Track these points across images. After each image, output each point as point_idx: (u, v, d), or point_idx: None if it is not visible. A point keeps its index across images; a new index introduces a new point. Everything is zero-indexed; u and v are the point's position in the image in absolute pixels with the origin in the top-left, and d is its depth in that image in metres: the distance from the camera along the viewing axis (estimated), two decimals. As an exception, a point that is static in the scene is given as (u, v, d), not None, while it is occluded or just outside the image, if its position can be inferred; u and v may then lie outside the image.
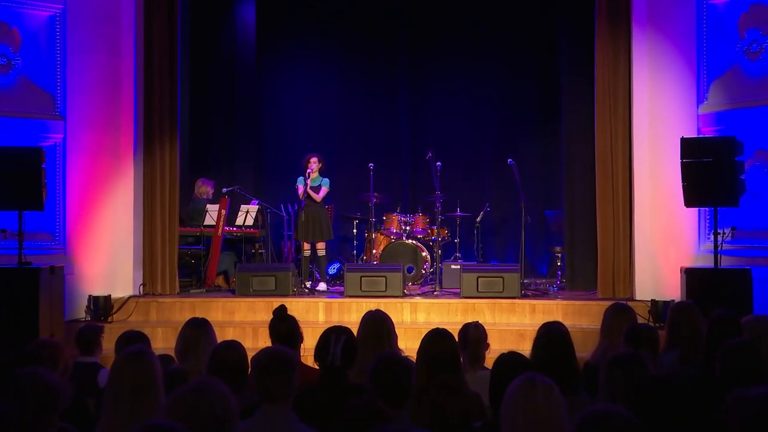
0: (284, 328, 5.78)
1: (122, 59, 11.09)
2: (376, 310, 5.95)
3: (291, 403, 4.21)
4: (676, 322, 5.89)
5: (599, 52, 11.08)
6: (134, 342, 5.30)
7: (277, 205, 13.53)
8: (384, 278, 11.00)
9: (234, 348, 4.98)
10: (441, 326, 7.22)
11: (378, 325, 5.71)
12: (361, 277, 11.04)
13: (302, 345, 5.92)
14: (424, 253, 13.01)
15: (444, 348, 4.91)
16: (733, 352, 4.47)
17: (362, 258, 13.55)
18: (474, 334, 5.73)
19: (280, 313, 5.83)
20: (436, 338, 4.98)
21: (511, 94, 14.91)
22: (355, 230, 13.80)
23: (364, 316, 5.86)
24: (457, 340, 5.84)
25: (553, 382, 3.52)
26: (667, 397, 3.44)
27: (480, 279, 10.84)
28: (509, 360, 4.41)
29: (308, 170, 11.91)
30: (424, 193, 13.76)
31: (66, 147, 10.68)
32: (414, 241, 13.11)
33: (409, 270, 12.83)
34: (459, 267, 11.65)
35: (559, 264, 12.71)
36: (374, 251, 13.07)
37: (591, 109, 11.29)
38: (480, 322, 9.98)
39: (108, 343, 9.93)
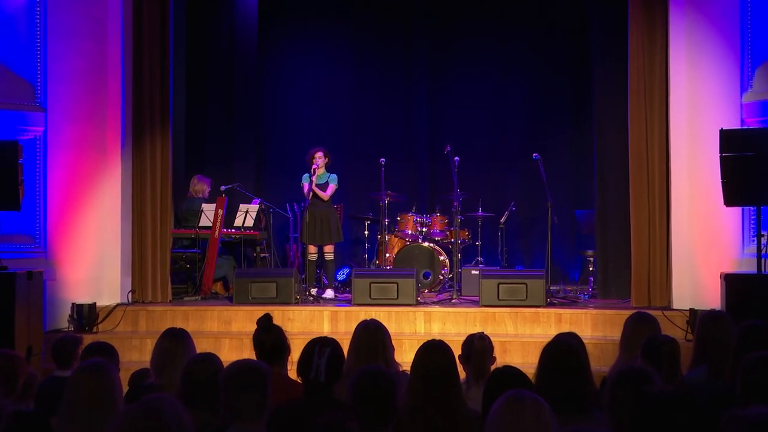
0: (269, 339, 5.76)
1: (109, 45, 11.07)
2: (371, 319, 5.93)
3: (264, 422, 4.17)
4: (705, 333, 5.79)
5: (633, 34, 10.95)
6: (100, 354, 5.28)
7: (282, 205, 13.51)
8: (395, 285, 10.94)
9: (209, 362, 4.94)
10: (458, 337, 7.15)
11: (372, 335, 5.68)
12: (371, 283, 10.99)
13: (290, 358, 5.89)
14: (442, 257, 12.95)
15: (439, 361, 4.82)
16: (755, 366, 4.35)
17: (374, 262, 13.48)
18: (479, 346, 5.68)
19: (265, 323, 5.81)
20: (431, 350, 4.90)
21: (539, 82, 14.79)
22: (366, 232, 13.75)
23: (357, 325, 5.84)
24: (461, 351, 5.82)
25: (543, 400, 3.46)
26: (671, 416, 3.36)
27: (501, 286, 10.78)
28: (504, 374, 4.35)
29: (313, 166, 11.89)
30: (443, 191, 13.65)
31: (47, 141, 10.64)
32: (431, 244, 13.06)
33: (426, 276, 12.78)
34: (479, 273, 11.58)
35: (591, 269, 12.60)
36: (387, 255, 13.01)
37: (625, 98, 11.18)
38: (502, 332, 10.10)
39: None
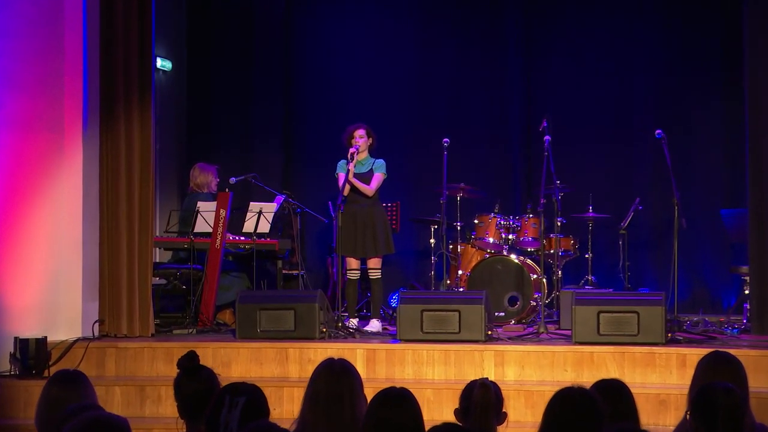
0: (192, 386, 5.65)
1: (65, -15, 11.16)
2: (338, 359, 5.76)
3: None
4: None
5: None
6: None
7: (321, 205, 13.49)
8: (457, 313, 10.75)
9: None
10: (540, 387, 6.87)
11: (336, 380, 5.53)
12: (422, 311, 10.82)
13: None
14: (534, 276, 12.81)
15: (396, 418, 4.80)
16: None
17: (445, 282, 13.29)
18: (479, 397, 5.53)
19: (188, 365, 5.70)
20: (384, 402, 4.88)
21: (675, 38, 14.83)
22: (432, 240, 13.61)
23: (318, 365, 5.69)
24: (458, 403, 5.67)
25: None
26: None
27: (602, 315, 10.54)
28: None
29: (352, 149, 11.76)
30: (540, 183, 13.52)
31: (-19, 118, 10.79)
32: (520, 257, 12.94)
33: (513, 300, 12.61)
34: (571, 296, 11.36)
35: (747, 292, 12.29)
36: (460, 272, 12.85)
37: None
38: (572, 383, 9.85)
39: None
